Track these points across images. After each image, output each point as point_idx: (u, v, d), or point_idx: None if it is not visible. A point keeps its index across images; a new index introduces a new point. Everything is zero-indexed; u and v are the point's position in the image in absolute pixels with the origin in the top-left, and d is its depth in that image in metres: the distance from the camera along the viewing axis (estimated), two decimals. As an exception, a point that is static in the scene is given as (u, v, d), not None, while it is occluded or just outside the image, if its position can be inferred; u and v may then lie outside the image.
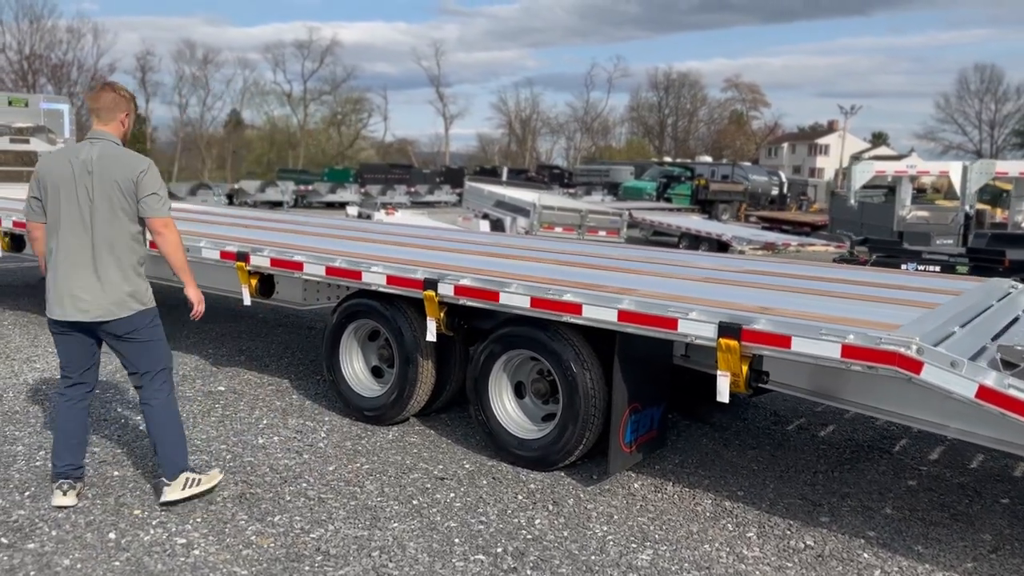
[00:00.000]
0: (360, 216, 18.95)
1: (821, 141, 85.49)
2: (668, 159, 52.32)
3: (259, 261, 5.16)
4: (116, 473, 4.06)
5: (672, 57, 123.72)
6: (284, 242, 5.59)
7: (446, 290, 4.30)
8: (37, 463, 4.14)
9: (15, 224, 6.83)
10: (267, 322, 7.83)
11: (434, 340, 4.44)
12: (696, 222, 22.69)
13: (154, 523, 3.54)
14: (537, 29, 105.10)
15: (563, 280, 4.23)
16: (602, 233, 18.72)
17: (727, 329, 3.36)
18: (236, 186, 31.69)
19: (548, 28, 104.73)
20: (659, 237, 22.23)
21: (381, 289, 4.61)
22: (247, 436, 4.66)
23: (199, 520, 3.58)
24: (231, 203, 28.53)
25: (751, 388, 3.44)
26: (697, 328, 3.47)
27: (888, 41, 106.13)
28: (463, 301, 4.27)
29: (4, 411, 4.92)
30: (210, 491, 3.80)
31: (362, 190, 36.25)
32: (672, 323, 3.53)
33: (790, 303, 3.82)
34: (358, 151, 73.31)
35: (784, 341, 3.26)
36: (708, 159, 51.32)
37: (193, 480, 3.70)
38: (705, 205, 30.05)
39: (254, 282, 5.27)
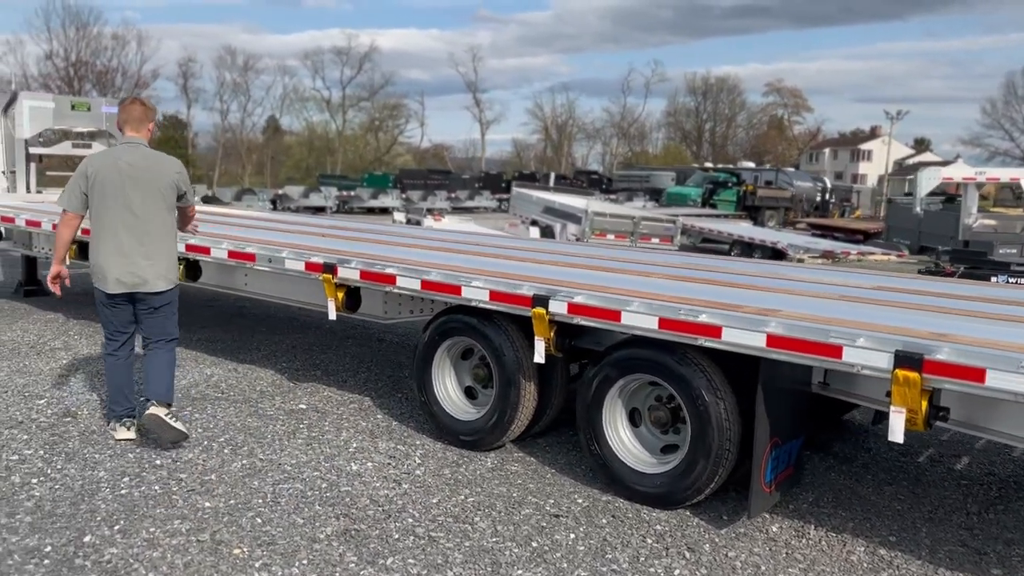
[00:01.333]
0: (409, 222, 18.72)
1: (864, 147, 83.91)
2: (710, 165, 51.50)
3: (348, 273, 4.85)
4: (207, 504, 3.76)
5: (705, 62, 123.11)
6: (369, 253, 5.27)
7: (558, 308, 3.94)
8: (122, 491, 3.86)
9: (84, 232, 6.62)
10: (335, 333, 7.56)
11: (542, 362, 4.09)
12: (748, 229, 22.12)
13: (257, 565, 3.23)
14: (569, 35, 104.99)
15: (689, 298, 3.85)
16: (655, 240, 18.25)
17: (906, 359, 2.96)
18: (280, 191, 31.78)
19: (580, 34, 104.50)
20: (708, 244, 21.64)
21: (482, 305, 4.27)
22: (339, 461, 4.34)
23: (305, 562, 3.26)
24: (275, 208, 28.54)
25: (929, 426, 3.03)
26: (866, 357, 3.07)
27: (925, 45, 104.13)
28: (578, 320, 3.92)
29: (81, 431, 4.67)
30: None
31: (403, 195, 36.18)
32: (835, 351, 3.14)
33: (955, 327, 3.40)
34: (394, 156, 73.59)
35: (976, 375, 2.85)
36: (751, 164, 50.53)
37: (170, 415, 4.43)
38: (751, 212, 29.43)
39: (341, 295, 4.96)
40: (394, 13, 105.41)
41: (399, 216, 21.37)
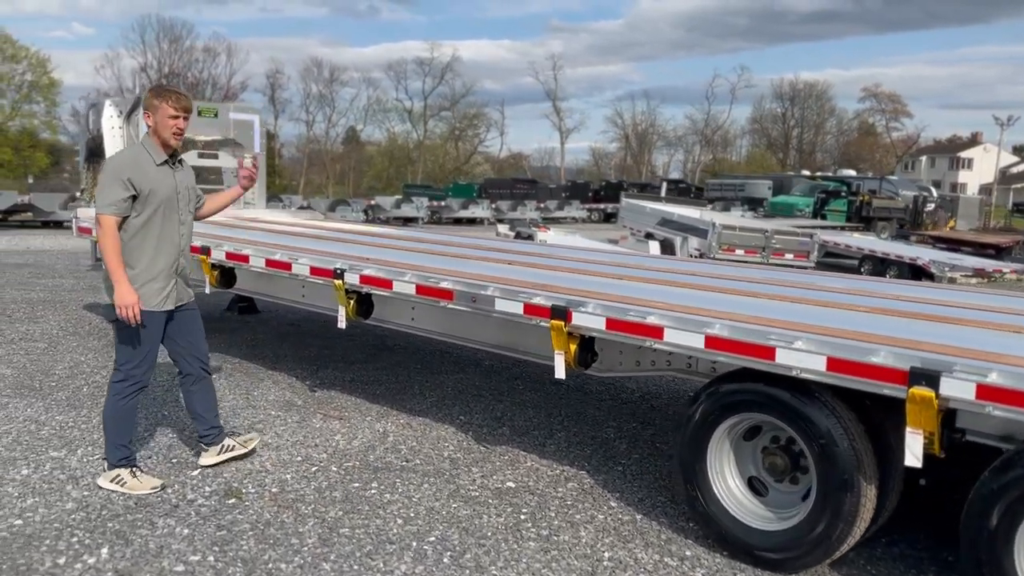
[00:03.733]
0: (519, 235, 17.65)
1: (963, 154, 79.55)
2: (807, 172, 49.08)
3: (586, 321, 3.70)
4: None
5: (780, 68, 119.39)
6: (565, 286, 4.09)
7: (958, 391, 2.69)
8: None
9: (228, 256, 5.71)
10: (499, 373, 6.45)
11: (919, 464, 2.83)
12: (878, 243, 20.25)
13: None
14: (641, 43, 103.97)
15: None
16: (789, 256, 16.75)
17: None
18: (372, 202, 31.23)
19: (652, 42, 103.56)
20: (832, 259, 19.84)
21: (807, 376, 3.06)
22: (601, 585, 3.20)
23: None
24: (368, 219, 27.97)
25: None
26: None
27: (1012, 50, 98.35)
28: (992, 409, 2.66)
29: (252, 521, 3.64)
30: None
31: (493, 206, 35.32)
32: None
33: None
34: (473, 166, 73.22)
35: None
36: (852, 172, 48.02)
37: (120, 479, 3.90)
38: (867, 223, 27.47)
39: (574, 348, 3.82)
40: (467, 25, 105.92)
41: (503, 228, 20.36)
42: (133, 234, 3.78)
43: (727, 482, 3.49)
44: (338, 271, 4.90)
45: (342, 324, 4.97)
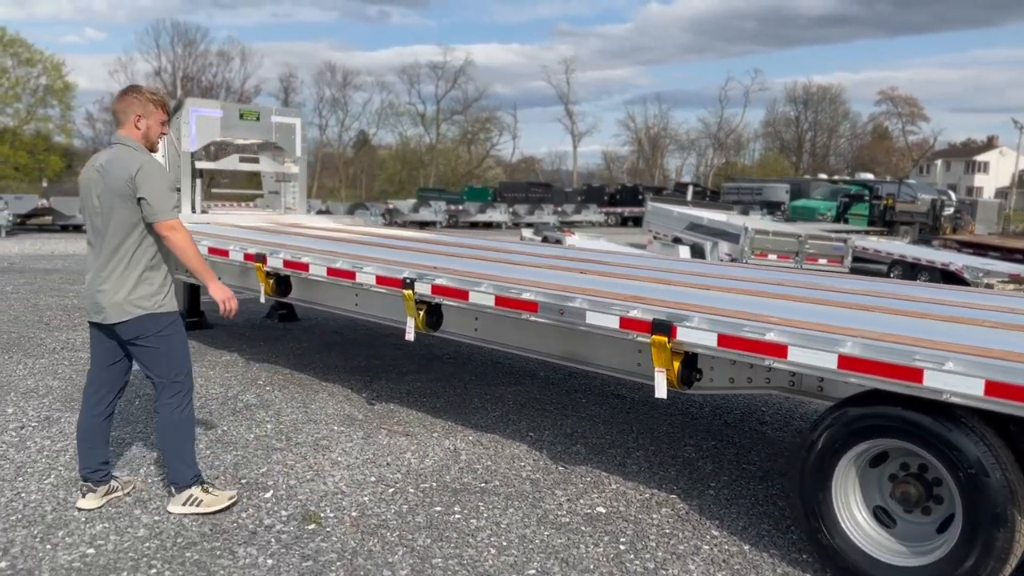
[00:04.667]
0: (545, 240, 17.42)
1: (980, 158, 78.95)
2: (824, 176, 48.66)
3: (694, 337, 3.46)
4: None
5: (789, 72, 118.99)
6: (708, 305, 3.84)
7: None
8: None
9: (286, 264, 5.49)
10: (557, 385, 6.21)
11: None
12: (907, 248, 19.91)
13: None
14: (649, 47, 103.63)
15: None
16: (822, 261, 16.48)
17: None
18: (390, 206, 31.08)
19: (660, 46, 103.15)
20: (858, 264, 19.50)
21: (958, 400, 2.81)
22: (728, 626, 2.95)
23: None
24: (387, 223, 27.79)
25: None
26: None
27: (1021, 53, 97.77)
28: None
29: (338, 550, 3.41)
30: (212, 513, 3.66)
31: (510, 210, 35.11)
32: None
33: None
34: (485, 169, 73.08)
35: None
36: (870, 176, 47.65)
37: (195, 500, 3.70)
38: (889, 227, 27.18)
39: (677, 365, 3.58)
40: (477, 29, 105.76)
41: (527, 233, 20.16)
42: (157, 237, 3.63)
43: (853, 513, 3.23)
44: (407, 281, 4.67)
45: (410, 336, 4.74)
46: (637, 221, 42.14)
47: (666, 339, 3.50)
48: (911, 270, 17.84)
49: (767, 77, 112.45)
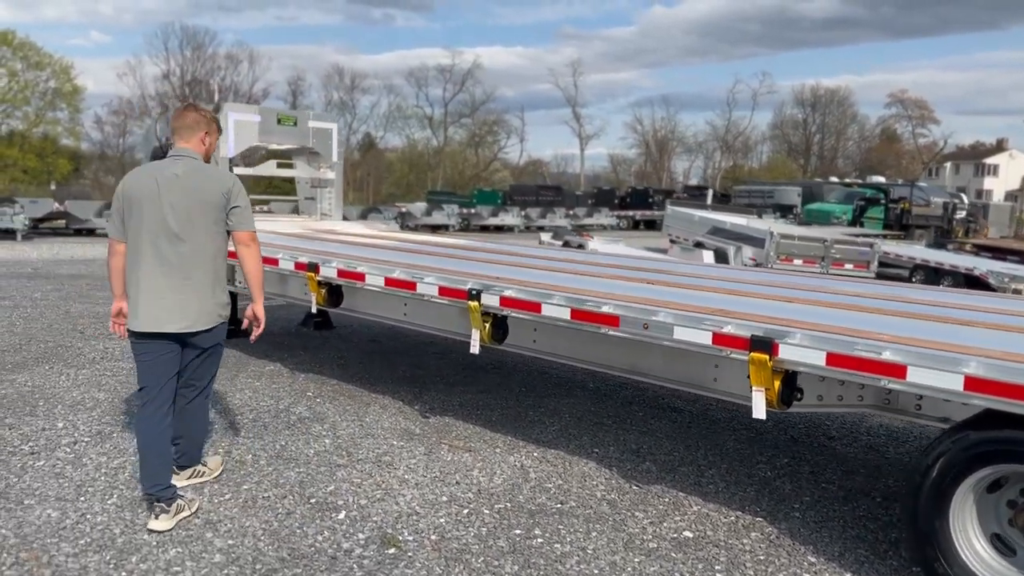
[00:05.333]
0: (566, 244, 17.26)
1: (989, 161, 78.65)
2: (835, 179, 48.42)
3: (799, 355, 3.30)
4: None
5: (793, 74, 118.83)
6: (808, 321, 3.68)
7: None
8: None
9: (340, 273, 5.34)
10: (610, 397, 6.05)
11: None
12: (928, 252, 19.73)
13: None
14: (653, 50, 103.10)
15: None
16: (848, 266, 16.26)
17: None
18: (403, 209, 30.94)
19: (664, 48, 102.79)
20: (878, 269, 19.30)
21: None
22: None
23: None
24: (402, 227, 27.67)
25: None
26: None
27: None
28: None
29: (424, 576, 3.27)
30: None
31: (522, 213, 34.98)
32: None
33: None
34: (492, 172, 72.99)
35: None
36: (882, 179, 47.45)
37: (199, 472, 4.11)
38: (905, 231, 27.02)
39: (777, 384, 3.42)
40: (481, 32, 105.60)
41: (546, 237, 20.00)
42: (229, 252, 3.85)
43: (972, 542, 3.08)
44: (473, 292, 4.53)
45: (475, 349, 4.60)
46: (649, 224, 42.02)
47: (767, 357, 3.34)
48: (933, 275, 17.66)
49: (774, 81, 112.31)
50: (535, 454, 4.76)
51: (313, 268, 5.47)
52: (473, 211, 33.52)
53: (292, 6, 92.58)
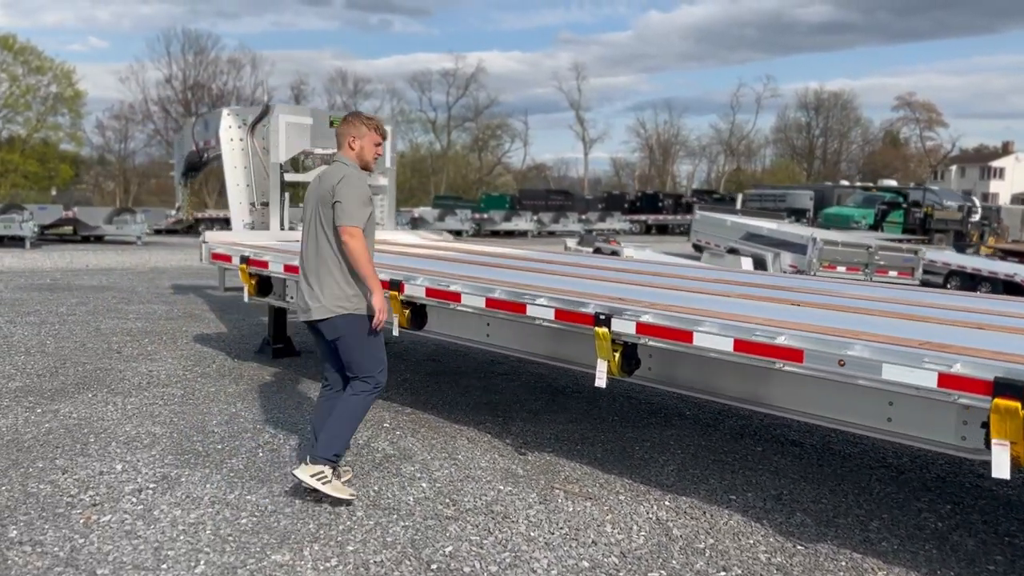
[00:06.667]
0: (598, 251, 16.67)
1: (995, 164, 78.33)
2: (846, 182, 47.90)
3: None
4: None
5: (790, 78, 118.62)
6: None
7: None
8: None
9: (429, 292, 4.74)
10: (710, 424, 5.45)
11: None
12: (961, 258, 19.16)
13: None
14: (650, 54, 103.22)
15: None
16: (892, 273, 15.71)
17: None
18: (416, 215, 30.34)
19: (661, 53, 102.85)
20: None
21: None
22: None
23: None
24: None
25: None
26: None
27: (1022, 60, 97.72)
28: None
29: None
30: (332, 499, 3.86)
31: (535, 218, 34.40)
32: None
33: None
34: (495, 176, 72.47)
35: None
36: (893, 182, 47.00)
37: (323, 478, 3.87)
38: (927, 235, 26.55)
39: None
40: (479, 37, 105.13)
41: (571, 243, 19.41)
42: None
43: None
44: (601, 317, 3.93)
45: (602, 382, 4.01)
46: (661, 229, 41.47)
47: (1019, 405, 2.74)
48: (970, 281, 17.13)
49: (776, 84, 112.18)
50: (667, 503, 4.15)
51: (396, 286, 4.87)
52: (485, 216, 32.94)
53: (289, 12, 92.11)
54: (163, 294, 11.08)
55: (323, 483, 3.85)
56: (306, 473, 3.86)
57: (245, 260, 6.08)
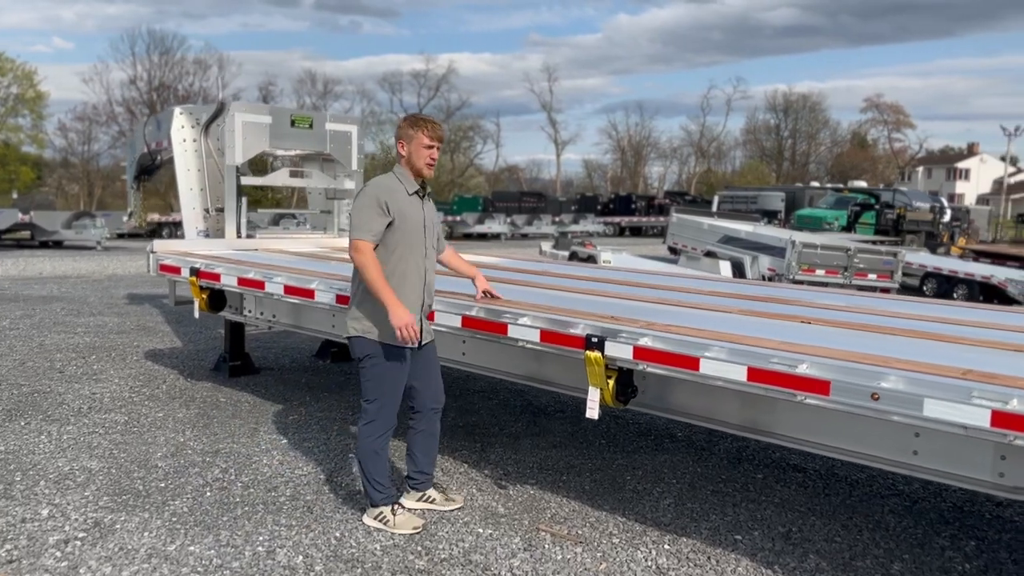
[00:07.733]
0: (574, 256, 16.25)
1: (961, 165, 79.50)
2: (816, 183, 48.12)
3: None
4: None
5: (756, 81, 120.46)
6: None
7: None
8: None
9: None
10: (708, 450, 5.03)
11: None
12: (936, 259, 19.07)
13: None
14: (619, 57, 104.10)
15: None
16: (872, 276, 15.49)
17: None
18: (388, 217, 29.73)
19: (630, 56, 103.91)
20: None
21: None
22: None
23: None
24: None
25: None
26: None
27: (983, 62, 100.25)
28: None
29: None
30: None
31: (508, 220, 33.99)
32: None
33: None
34: (468, 178, 71.98)
35: None
36: (863, 183, 47.28)
37: (383, 518, 3.74)
38: (899, 236, 26.59)
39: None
40: (450, 39, 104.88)
41: (546, 246, 18.99)
42: (383, 265, 3.59)
43: None
44: (592, 340, 3.49)
45: (594, 413, 3.56)
46: (635, 231, 41.26)
47: (1089, 451, 2.34)
48: (946, 283, 17.03)
49: (746, 86, 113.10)
50: (666, 546, 3.72)
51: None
52: (458, 219, 32.46)
53: (258, 13, 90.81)
54: (117, 304, 10.44)
55: (384, 523, 3.73)
56: (369, 517, 3.79)
57: (195, 272, 5.55)
